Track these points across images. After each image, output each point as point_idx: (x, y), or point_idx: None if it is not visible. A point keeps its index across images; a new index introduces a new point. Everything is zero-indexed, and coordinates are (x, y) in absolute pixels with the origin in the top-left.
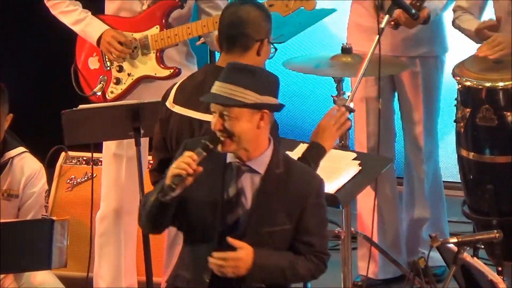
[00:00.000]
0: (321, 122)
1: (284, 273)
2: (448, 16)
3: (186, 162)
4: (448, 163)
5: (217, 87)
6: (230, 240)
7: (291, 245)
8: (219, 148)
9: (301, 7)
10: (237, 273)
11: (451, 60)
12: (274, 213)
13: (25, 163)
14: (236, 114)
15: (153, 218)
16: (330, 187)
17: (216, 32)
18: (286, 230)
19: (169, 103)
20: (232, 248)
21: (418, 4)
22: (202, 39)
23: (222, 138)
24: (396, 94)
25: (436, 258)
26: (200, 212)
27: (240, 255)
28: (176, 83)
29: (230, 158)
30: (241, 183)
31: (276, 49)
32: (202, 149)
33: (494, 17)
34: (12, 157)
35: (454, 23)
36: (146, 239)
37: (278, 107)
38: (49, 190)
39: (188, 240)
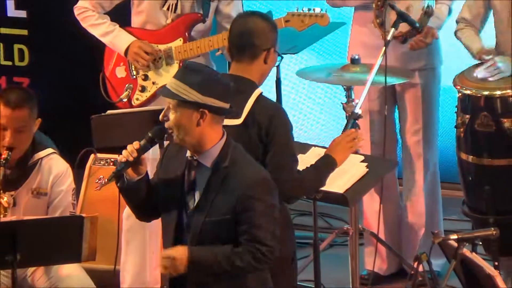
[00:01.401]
0: (337, 137)
1: (221, 265)
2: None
3: (129, 151)
4: (448, 166)
5: (170, 82)
6: (162, 253)
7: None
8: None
9: (316, 23)
10: (177, 271)
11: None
12: (216, 204)
13: (53, 163)
14: (177, 109)
15: (127, 204)
16: (340, 187)
17: None
18: (227, 221)
19: None
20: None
21: (425, 19)
22: (220, 51)
23: (169, 130)
24: (395, 107)
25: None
26: (167, 202)
27: (173, 254)
28: None
29: (188, 153)
30: (195, 176)
31: (282, 57)
32: (146, 140)
33: (494, 28)
34: (41, 158)
35: (456, 34)
36: None
37: (221, 110)
38: (78, 189)
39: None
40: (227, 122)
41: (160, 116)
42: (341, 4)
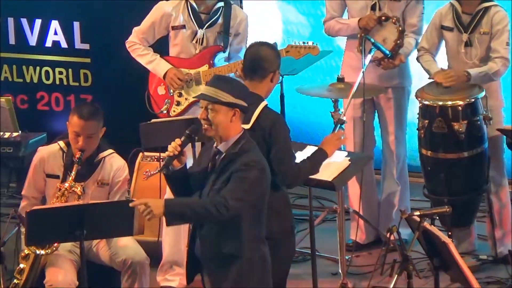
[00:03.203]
0: (328, 135)
1: (188, 210)
2: (411, 57)
3: (173, 147)
4: (413, 159)
5: (205, 89)
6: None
7: None
8: (203, 132)
9: (309, 53)
10: (152, 214)
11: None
12: (222, 177)
13: (113, 161)
14: (216, 109)
15: (170, 187)
16: (329, 176)
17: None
18: (222, 188)
19: None
20: None
21: (396, 48)
22: (236, 74)
23: (205, 126)
24: (374, 114)
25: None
26: (197, 183)
27: (147, 201)
28: None
29: (214, 145)
30: (216, 161)
31: (283, 76)
32: (186, 137)
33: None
34: (104, 157)
35: (417, 59)
36: None
37: (246, 109)
38: (130, 180)
39: None
40: None
41: (199, 116)
42: (334, 34)
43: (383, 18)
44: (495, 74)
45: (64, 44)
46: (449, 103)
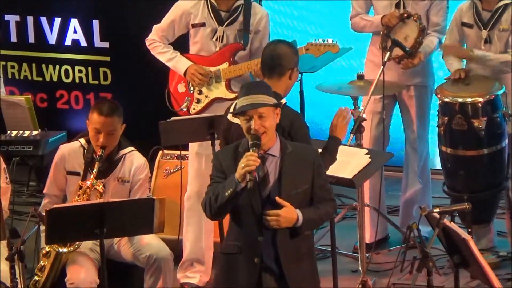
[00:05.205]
0: (333, 121)
1: (317, 218)
2: (435, 55)
3: (253, 160)
4: (433, 156)
5: (249, 99)
6: (278, 200)
7: (315, 196)
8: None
9: (329, 51)
10: (288, 224)
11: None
12: (295, 180)
13: (134, 158)
14: (266, 113)
15: (227, 206)
16: (349, 174)
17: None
18: (307, 189)
19: (229, 117)
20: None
21: (417, 46)
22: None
23: (262, 133)
24: (393, 111)
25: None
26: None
27: (289, 210)
28: (233, 102)
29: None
30: (266, 167)
31: (302, 74)
32: (255, 147)
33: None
34: (125, 154)
35: (443, 57)
36: None
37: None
38: (151, 178)
39: (235, 216)
40: None
41: (256, 127)
42: (360, 31)
43: (405, 15)
44: (504, 63)
45: (83, 43)
46: (469, 100)
